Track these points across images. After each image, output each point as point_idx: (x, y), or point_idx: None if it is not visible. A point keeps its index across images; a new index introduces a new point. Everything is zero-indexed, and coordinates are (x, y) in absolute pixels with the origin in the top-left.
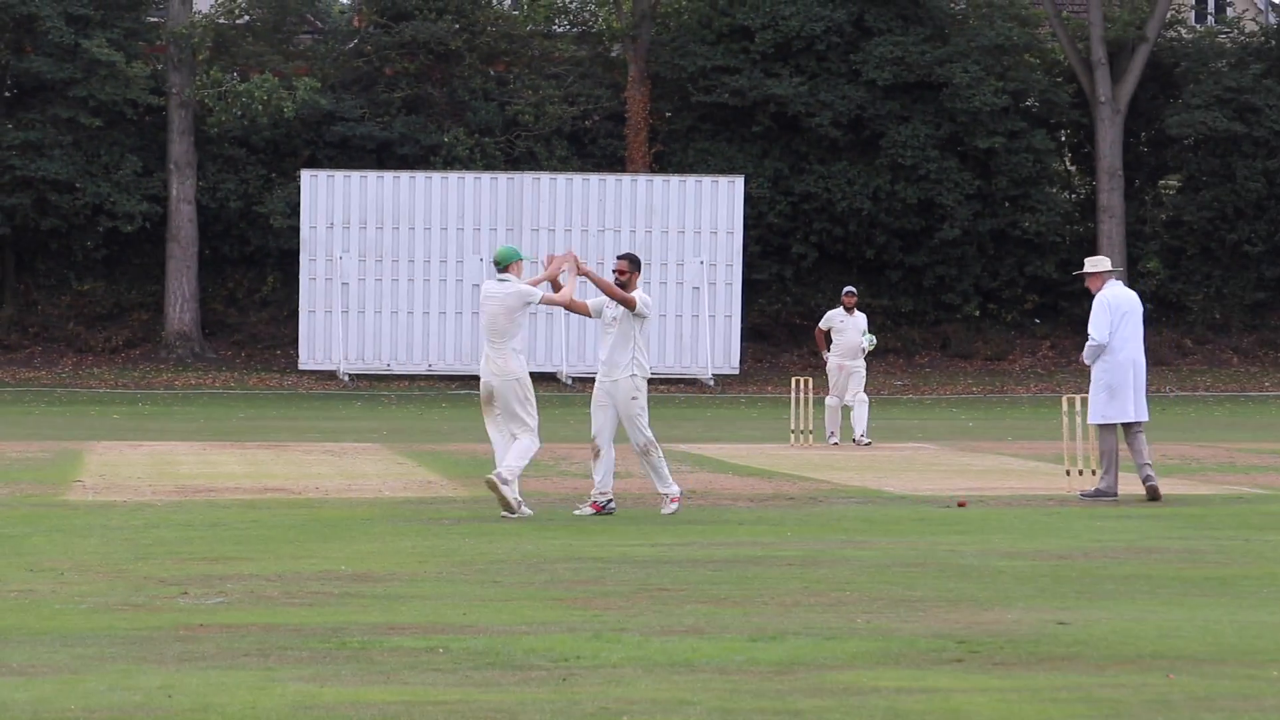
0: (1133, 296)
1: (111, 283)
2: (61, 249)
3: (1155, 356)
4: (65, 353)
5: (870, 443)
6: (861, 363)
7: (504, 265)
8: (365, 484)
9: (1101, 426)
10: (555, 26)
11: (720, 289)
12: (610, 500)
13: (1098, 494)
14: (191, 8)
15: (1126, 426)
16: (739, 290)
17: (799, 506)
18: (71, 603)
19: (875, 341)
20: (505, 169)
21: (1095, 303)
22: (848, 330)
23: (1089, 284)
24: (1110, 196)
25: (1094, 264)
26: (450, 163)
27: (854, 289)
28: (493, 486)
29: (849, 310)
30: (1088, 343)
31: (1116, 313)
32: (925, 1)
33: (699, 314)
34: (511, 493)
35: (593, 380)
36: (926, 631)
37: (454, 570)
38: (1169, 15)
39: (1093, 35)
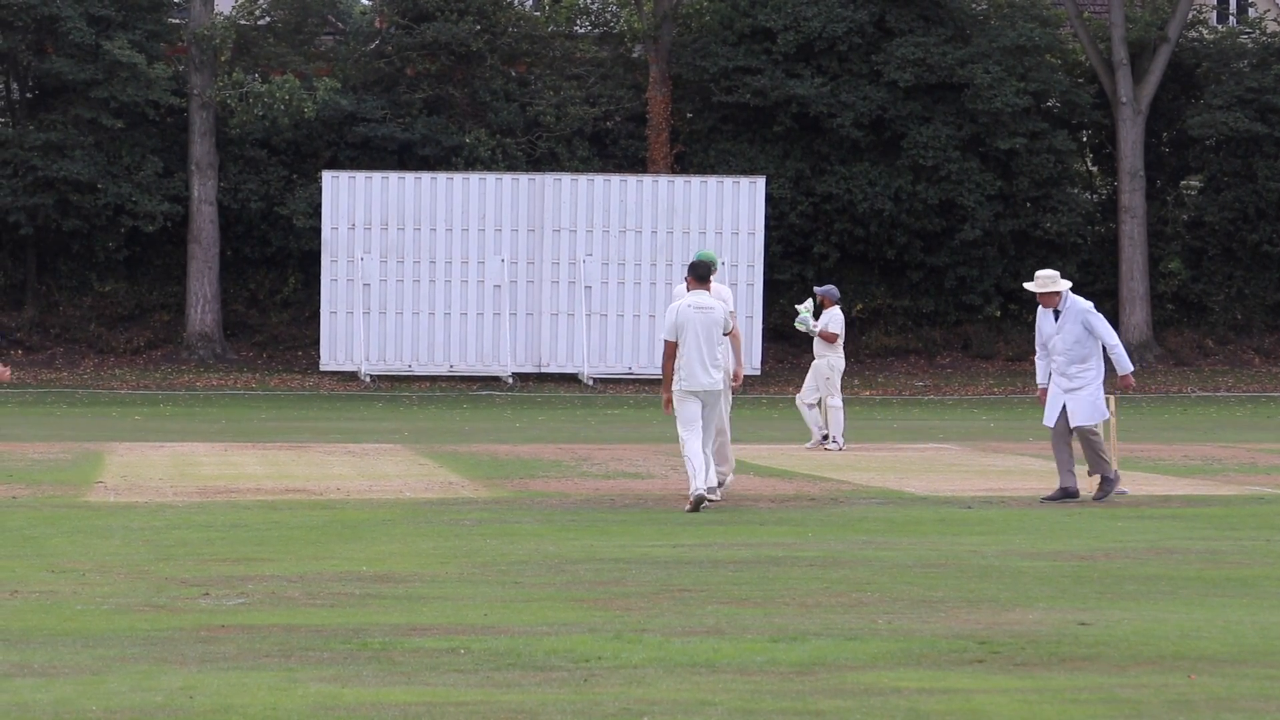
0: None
1: (133, 284)
2: (83, 250)
3: (1177, 357)
4: (87, 354)
5: (835, 446)
6: (824, 361)
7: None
8: (386, 485)
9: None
10: (576, 27)
11: (742, 289)
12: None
13: (1109, 487)
14: (213, 9)
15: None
16: (761, 291)
17: (820, 507)
18: (93, 604)
19: (804, 318)
20: (527, 170)
21: (1094, 310)
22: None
23: (1047, 302)
24: (1132, 197)
25: (1050, 280)
26: (471, 163)
27: (827, 287)
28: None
29: (822, 308)
30: (1120, 349)
31: None
32: (946, 2)
33: None
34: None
35: (613, 380)
36: (947, 632)
37: (475, 571)
38: (1190, 16)
39: (1114, 36)
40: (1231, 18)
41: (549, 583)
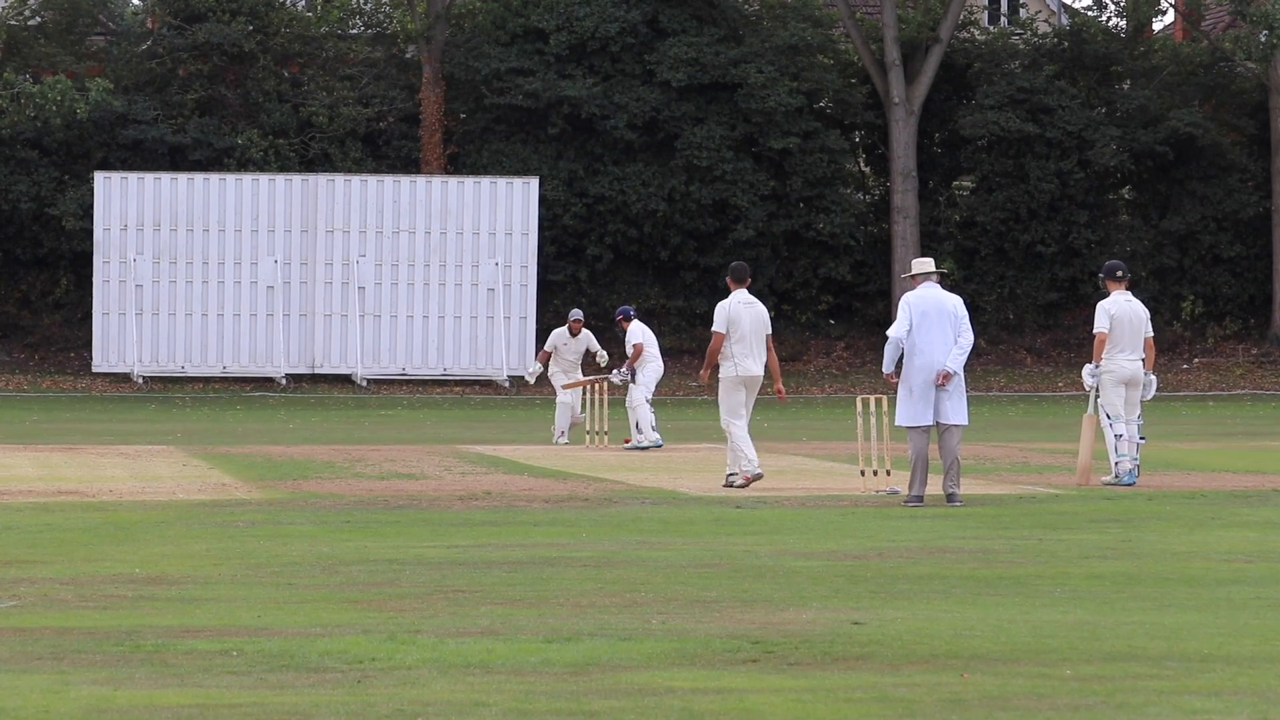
0: (936, 296)
1: None
2: None
3: None
4: None
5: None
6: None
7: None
8: (159, 486)
9: (907, 429)
10: (349, 28)
11: (515, 290)
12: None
13: (906, 500)
14: None
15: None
16: (534, 292)
17: (594, 507)
18: None
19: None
20: (300, 171)
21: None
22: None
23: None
24: (904, 197)
25: (914, 266)
26: (244, 164)
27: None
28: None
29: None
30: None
31: (915, 312)
32: (719, 2)
33: (494, 315)
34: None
35: (387, 381)
36: (721, 632)
37: (248, 573)
38: (962, 16)
39: (886, 36)
40: (1003, 18)
41: (322, 584)
